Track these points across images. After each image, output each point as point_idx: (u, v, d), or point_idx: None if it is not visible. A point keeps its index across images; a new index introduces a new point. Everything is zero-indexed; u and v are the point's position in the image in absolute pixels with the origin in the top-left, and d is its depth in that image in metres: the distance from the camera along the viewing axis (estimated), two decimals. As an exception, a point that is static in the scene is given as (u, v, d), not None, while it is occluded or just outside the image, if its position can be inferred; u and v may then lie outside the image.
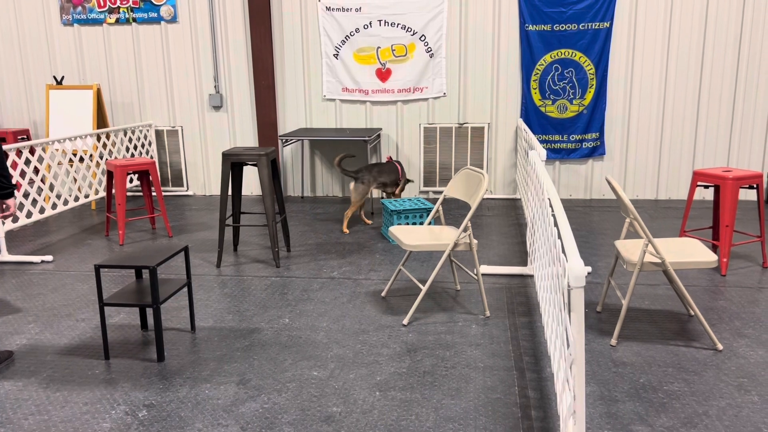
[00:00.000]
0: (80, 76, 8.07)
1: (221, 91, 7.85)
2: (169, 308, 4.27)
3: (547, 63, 7.19)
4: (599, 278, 4.71)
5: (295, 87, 7.73)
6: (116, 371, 3.38)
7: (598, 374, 3.25)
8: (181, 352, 3.60)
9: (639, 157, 7.37)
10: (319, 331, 3.85)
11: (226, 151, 5.05)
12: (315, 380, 3.25)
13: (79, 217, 7.04)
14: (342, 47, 7.50)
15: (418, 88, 7.51)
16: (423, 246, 3.90)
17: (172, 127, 8.05)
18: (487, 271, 4.86)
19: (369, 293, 4.48)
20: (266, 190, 4.99)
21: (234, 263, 5.23)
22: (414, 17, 7.30)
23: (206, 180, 8.17)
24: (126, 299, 3.50)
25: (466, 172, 4.19)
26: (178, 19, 7.71)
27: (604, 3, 6.95)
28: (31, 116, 8.30)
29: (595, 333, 3.74)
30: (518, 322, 3.93)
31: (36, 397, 3.13)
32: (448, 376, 3.27)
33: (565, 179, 7.55)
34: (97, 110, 7.40)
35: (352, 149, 7.80)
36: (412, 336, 3.75)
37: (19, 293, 4.61)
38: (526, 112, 7.35)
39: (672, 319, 3.93)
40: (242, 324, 3.98)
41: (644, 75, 7.16)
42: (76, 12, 7.84)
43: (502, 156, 7.57)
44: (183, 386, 3.20)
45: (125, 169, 5.78)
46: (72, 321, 4.08)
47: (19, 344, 3.73)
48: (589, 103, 7.24)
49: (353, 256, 5.34)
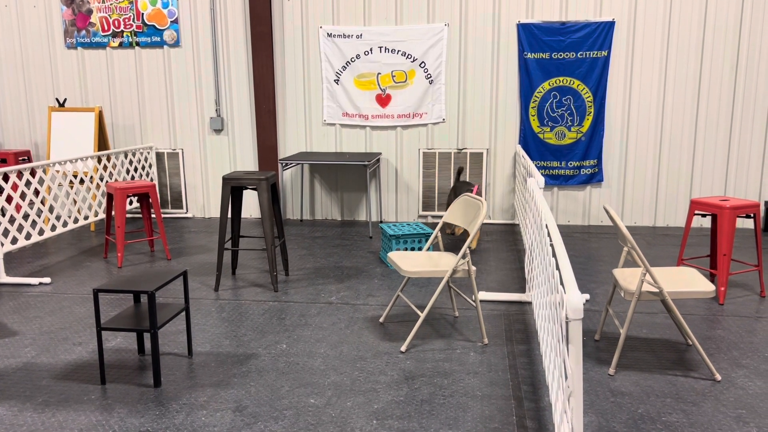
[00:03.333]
0: (82, 98, 8.13)
1: (222, 114, 7.91)
2: (166, 332, 4.26)
3: (546, 90, 7.26)
4: (597, 306, 4.71)
5: (296, 111, 7.79)
6: (112, 397, 3.36)
7: (596, 404, 3.24)
8: (178, 377, 3.58)
9: (637, 184, 7.41)
10: (316, 358, 3.83)
11: (227, 175, 5.08)
12: (312, 408, 3.23)
13: (78, 238, 7.04)
14: (343, 73, 7.58)
15: (417, 113, 7.57)
16: (421, 272, 3.91)
17: (172, 149, 8.10)
18: (485, 298, 4.86)
19: (367, 319, 4.48)
20: (265, 214, 5.01)
21: (232, 287, 5.23)
22: (414, 44, 7.40)
23: (206, 202, 8.19)
24: (124, 324, 3.49)
25: (465, 199, 4.22)
26: (180, 43, 7.80)
27: (602, 32, 7.05)
28: (32, 138, 8.35)
29: (594, 362, 3.74)
30: (516, 349, 3.93)
31: (31, 422, 3.11)
32: (445, 404, 3.25)
33: (563, 205, 7.58)
34: (99, 132, 7.45)
35: (352, 173, 7.84)
36: (410, 363, 3.74)
37: (17, 316, 4.60)
38: (524, 138, 7.41)
39: (670, 349, 3.92)
40: (239, 349, 3.97)
41: (642, 103, 7.23)
42: (80, 36, 7.93)
43: (501, 182, 7.61)
44: (179, 413, 3.18)
45: (125, 191, 5.80)
46: (69, 345, 4.06)
47: (15, 368, 3.72)
48: (587, 130, 7.30)
49: (351, 281, 5.34)
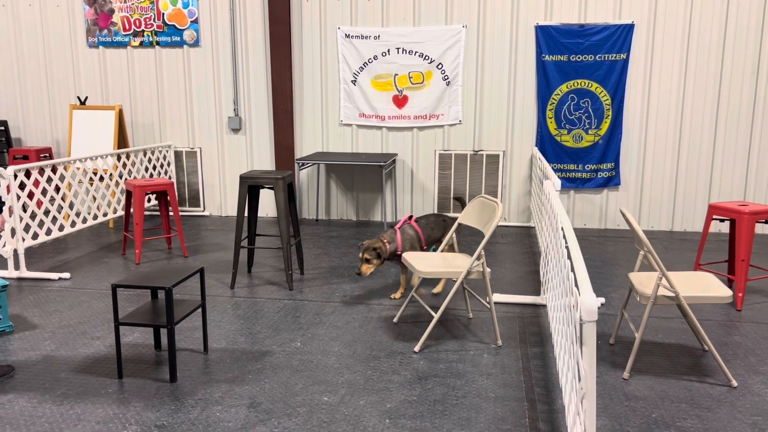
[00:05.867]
0: (103, 96, 8.24)
1: (240, 114, 7.98)
2: (182, 328, 4.31)
3: (563, 93, 7.24)
4: (613, 310, 4.68)
5: (313, 112, 7.84)
6: (129, 390, 3.41)
7: (609, 408, 3.23)
8: (194, 373, 3.62)
9: (654, 188, 7.36)
10: (330, 356, 3.86)
11: (244, 174, 5.13)
12: (325, 405, 3.25)
13: (97, 235, 7.13)
14: (360, 74, 7.61)
15: (434, 115, 7.58)
16: (436, 273, 3.92)
17: (191, 148, 8.18)
18: (499, 300, 4.85)
19: (381, 319, 4.49)
20: (282, 213, 5.04)
21: (248, 285, 5.27)
22: (432, 46, 7.40)
23: (222, 201, 8.26)
24: (141, 319, 3.54)
25: (481, 201, 4.22)
26: (200, 43, 7.88)
27: (621, 35, 7.01)
28: (54, 135, 8.47)
29: (608, 365, 3.72)
30: (530, 352, 3.92)
31: (50, 414, 3.16)
32: (458, 405, 3.26)
33: (579, 208, 7.54)
34: (119, 130, 7.55)
35: (367, 174, 7.87)
36: (424, 363, 3.75)
37: (37, 310, 4.68)
38: (541, 140, 7.39)
39: (686, 354, 3.90)
40: (254, 346, 4.00)
41: (660, 106, 7.18)
42: (102, 35, 8.04)
43: (517, 184, 7.59)
44: (194, 408, 3.22)
45: (144, 189, 5.87)
46: (87, 339, 4.12)
47: (35, 360, 3.78)
48: (605, 134, 7.26)
49: (366, 281, 5.36)
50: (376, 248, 4.59)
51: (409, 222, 4.86)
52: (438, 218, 5.01)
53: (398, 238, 4.69)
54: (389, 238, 4.69)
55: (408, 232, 4.78)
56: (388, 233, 4.73)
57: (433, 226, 4.94)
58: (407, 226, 4.83)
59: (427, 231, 4.88)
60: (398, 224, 4.81)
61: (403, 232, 4.76)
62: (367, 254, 4.60)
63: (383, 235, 4.71)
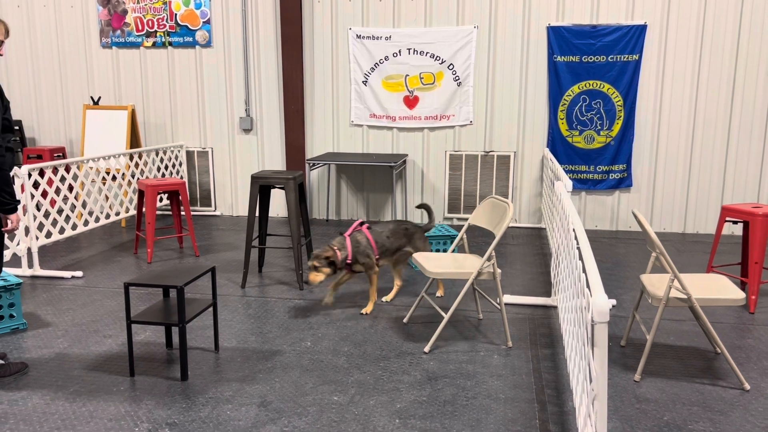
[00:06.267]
0: (116, 96, 8.30)
1: (252, 114, 8.01)
2: (193, 327, 4.33)
3: (575, 94, 7.21)
4: (624, 312, 4.66)
5: (324, 112, 7.85)
6: (140, 388, 3.43)
7: (620, 410, 3.21)
8: (205, 371, 3.64)
9: (666, 189, 7.31)
10: (340, 356, 3.87)
11: (255, 174, 5.15)
12: (335, 405, 3.26)
13: (109, 234, 7.19)
14: (371, 74, 7.62)
15: (444, 115, 7.57)
16: (446, 274, 3.91)
17: (202, 148, 8.22)
18: (510, 301, 4.84)
19: (391, 319, 4.50)
20: (292, 213, 5.06)
21: (258, 284, 5.29)
22: (443, 46, 7.40)
23: (234, 201, 8.30)
24: (153, 318, 3.57)
25: (492, 201, 4.21)
26: (212, 43, 7.92)
27: (633, 36, 6.97)
28: (67, 134, 8.55)
29: (619, 367, 3.70)
30: (541, 353, 3.91)
31: (62, 411, 3.19)
32: (468, 406, 3.25)
33: (591, 210, 7.51)
34: (131, 130, 7.60)
35: (378, 175, 7.87)
36: (433, 364, 3.75)
37: (50, 308, 4.72)
38: (552, 141, 7.36)
39: (698, 356, 3.87)
40: (265, 345, 4.02)
41: (673, 107, 7.14)
42: (115, 35, 8.10)
43: (528, 185, 7.57)
44: (205, 406, 3.24)
45: (156, 188, 5.91)
46: (99, 337, 4.16)
47: (48, 358, 3.82)
48: (617, 135, 7.22)
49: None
50: (328, 257, 4.33)
51: (360, 229, 4.57)
52: (399, 226, 4.68)
53: (348, 246, 4.45)
54: (339, 245, 4.45)
55: (358, 240, 4.49)
56: (338, 240, 4.48)
57: (389, 234, 4.60)
58: (358, 233, 4.53)
59: (381, 239, 4.56)
60: (348, 231, 4.56)
61: (353, 239, 4.48)
62: (316, 262, 4.32)
63: (333, 242, 4.47)
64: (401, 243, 4.68)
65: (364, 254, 4.49)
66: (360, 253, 4.47)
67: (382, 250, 4.58)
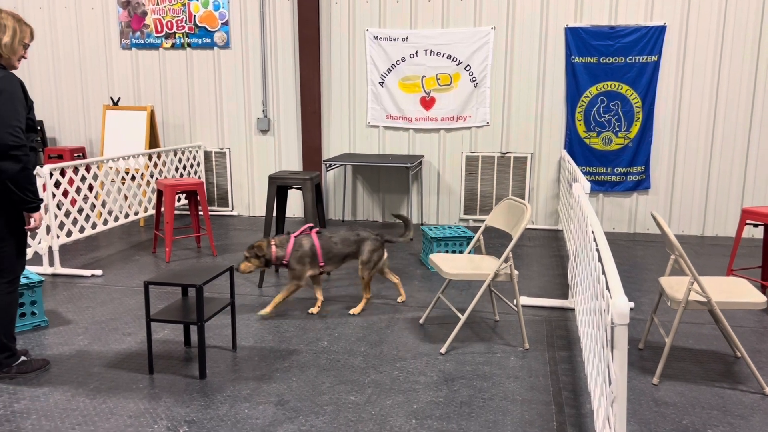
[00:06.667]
0: (135, 97, 8.39)
1: (269, 115, 8.06)
2: (211, 326, 4.37)
3: (593, 95, 7.17)
4: (642, 314, 4.63)
5: (341, 113, 7.88)
6: (159, 386, 3.47)
7: (639, 413, 3.19)
8: (222, 370, 3.67)
9: (685, 192, 7.24)
10: (357, 356, 3.88)
11: (273, 175, 5.18)
12: (352, 405, 3.27)
13: (128, 233, 7.26)
14: (388, 75, 7.63)
15: (461, 116, 7.57)
16: (463, 275, 3.91)
17: (220, 149, 8.28)
18: (526, 303, 4.83)
19: (407, 320, 4.50)
20: (309, 213, 5.08)
21: (275, 284, 5.32)
22: (460, 47, 7.39)
23: (251, 201, 8.35)
24: (172, 316, 3.60)
25: (509, 203, 4.20)
26: (230, 45, 7.98)
27: (652, 37, 6.92)
28: (87, 135, 8.65)
29: (637, 370, 3.68)
30: (558, 355, 3.89)
31: (83, 407, 3.23)
32: (485, 407, 3.25)
33: (608, 212, 7.46)
34: (150, 131, 7.68)
35: (394, 175, 7.88)
36: (450, 365, 3.75)
37: (71, 305, 4.78)
38: (570, 143, 7.32)
39: (717, 360, 3.83)
40: (282, 345, 4.04)
41: (692, 108, 7.07)
42: (135, 37, 8.19)
43: (545, 186, 7.54)
44: (223, 404, 3.27)
45: (175, 188, 5.97)
46: (119, 335, 4.21)
47: (69, 355, 3.87)
48: (635, 136, 7.17)
49: (392, 282, 5.37)
50: (258, 249, 4.35)
51: (309, 233, 4.52)
52: (351, 233, 4.56)
53: (289, 247, 4.42)
54: (280, 242, 4.42)
55: (301, 243, 4.44)
56: (281, 238, 4.46)
57: (338, 241, 4.50)
58: (304, 236, 4.48)
59: (329, 245, 4.47)
60: (297, 232, 4.52)
61: (297, 242, 4.43)
62: (247, 252, 4.37)
63: (275, 238, 4.45)
64: (351, 250, 4.54)
65: (299, 261, 4.41)
66: (295, 258, 4.40)
67: (329, 257, 4.49)
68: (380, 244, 4.62)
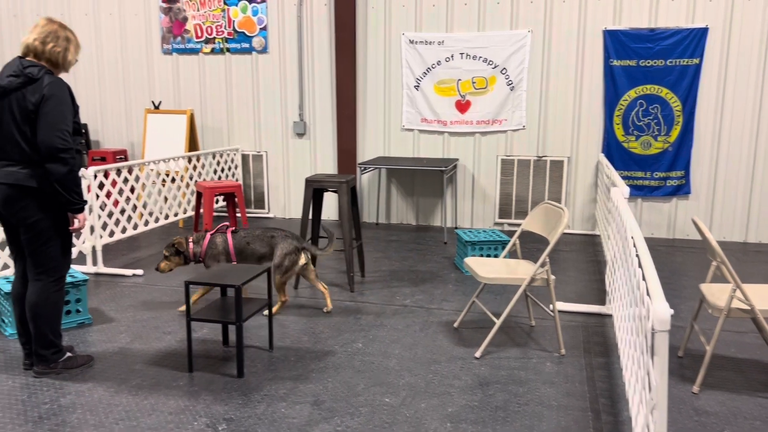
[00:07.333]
0: (176, 101, 8.58)
1: (305, 119, 8.15)
2: (248, 326, 4.44)
3: (632, 98, 7.06)
4: (681, 322, 4.54)
5: (376, 117, 7.92)
6: (199, 384, 3.54)
7: (678, 422, 3.14)
8: (260, 369, 3.73)
9: (727, 197, 7.08)
10: (391, 358, 3.90)
11: (310, 178, 5.24)
12: (387, 407, 3.29)
13: (167, 234, 7.42)
14: (423, 79, 7.65)
15: (497, 120, 7.53)
16: (498, 279, 3.90)
17: (257, 152, 8.41)
18: (563, 308, 4.78)
19: (441, 323, 4.50)
20: (344, 216, 5.13)
21: (311, 285, 5.38)
22: (496, 50, 7.37)
23: (286, 203, 8.45)
24: (211, 315, 3.68)
25: (546, 207, 4.18)
26: (268, 50, 8.10)
27: (693, 39, 6.79)
28: (129, 138, 8.87)
29: (676, 378, 3.62)
30: (594, 362, 3.85)
31: (126, 403, 3.32)
32: (520, 412, 3.24)
33: (647, 217, 7.33)
34: (190, 134, 7.84)
35: (428, 179, 7.89)
36: (485, 369, 3.74)
37: (113, 304, 4.91)
38: (607, 147, 7.23)
39: (760, 370, 3.74)
40: (317, 346, 4.08)
41: (735, 112, 6.91)
42: (176, 42, 8.37)
43: (582, 191, 7.45)
44: (261, 403, 3.32)
45: (214, 190, 6.08)
46: (159, 333, 4.31)
47: (112, 352, 3.98)
48: (675, 141, 7.04)
49: (426, 285, 5.38)
50: (177, 245, 4.46)
51: (224, 232, 4.61)
52: (266, 233, 4.62)
53: (204, 244, 4.52)
54: (196, 239, 4.55)
55: (216, 241, 4.54)
56: (198, 235, 4.59)
57: (251, 240, 4.57)
58: (219, 235, 4.58)
59: (241, 244, 4.56)
60: (213, 230, 4.63)
61: (211, 239, 4.54)
62: (166, 251, 4.48)
63: (192, 236, 4.58)
64: (265, 251, 4.59)
65: (212, 258, 4.54)
66: (209, 256, 4.54)
67: (242, 256, 4.57)
68: (294, 249, 4.60)
